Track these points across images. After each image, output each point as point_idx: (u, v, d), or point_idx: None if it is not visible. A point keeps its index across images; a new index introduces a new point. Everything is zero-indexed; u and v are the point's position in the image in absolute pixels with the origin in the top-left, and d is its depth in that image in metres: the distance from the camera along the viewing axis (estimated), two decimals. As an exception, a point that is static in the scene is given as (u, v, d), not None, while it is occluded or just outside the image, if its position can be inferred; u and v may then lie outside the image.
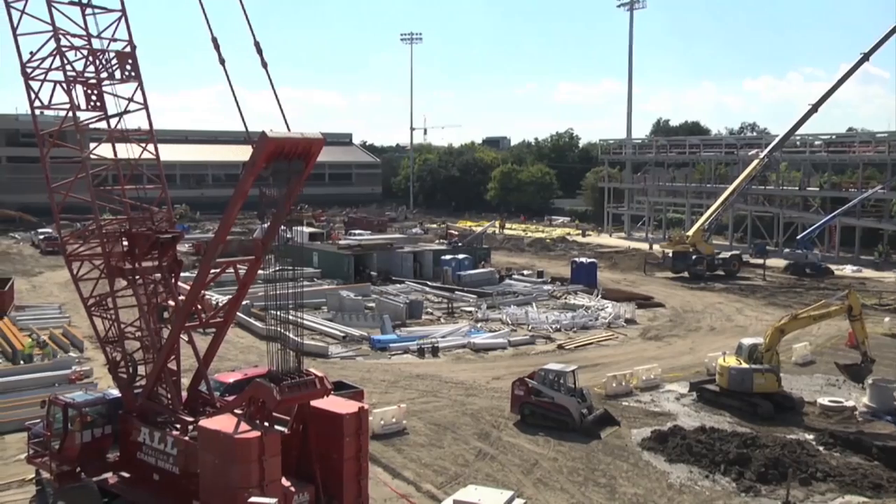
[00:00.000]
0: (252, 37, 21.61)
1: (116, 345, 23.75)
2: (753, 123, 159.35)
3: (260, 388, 19.66)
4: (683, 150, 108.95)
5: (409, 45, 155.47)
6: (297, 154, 19.54)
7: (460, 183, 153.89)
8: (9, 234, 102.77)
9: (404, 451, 29.06)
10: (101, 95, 22.87)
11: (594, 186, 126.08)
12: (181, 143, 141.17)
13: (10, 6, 22.25)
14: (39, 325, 48.91)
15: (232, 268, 22.72)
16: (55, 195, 23.21)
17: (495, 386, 37.42)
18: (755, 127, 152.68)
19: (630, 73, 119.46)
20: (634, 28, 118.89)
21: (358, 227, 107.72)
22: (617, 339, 48.62)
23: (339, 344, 45.61)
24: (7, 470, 27.03)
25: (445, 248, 76.20)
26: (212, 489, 19.30)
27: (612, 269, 78.88)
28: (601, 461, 28.45)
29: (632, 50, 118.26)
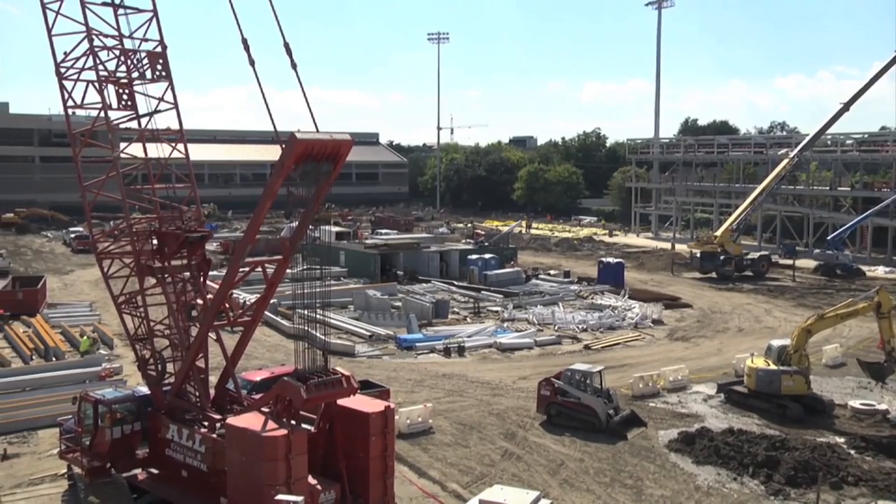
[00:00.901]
0: (282, 38, 21.73)
1: (146, 342, 24.02)
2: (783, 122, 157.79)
3: (287, 386, 19.77)
4: (712, 150, 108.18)
5: (436, 44, 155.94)
6: (326, 156, 19.61)
7: (487, 182, 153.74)
8: (41, 232, 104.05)
9: (430, 451, 29.09)
10: (133, 95, 23.15)
11: (621, 186, 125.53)
12: (210, 142, 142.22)
13: (45, 7, 22.59)
14: (71, 322, 49.51)
15: (260, 267, 22.87)
16: (87, 194, 23.49)
17: (521, 386, 37.36)
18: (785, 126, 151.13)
19: (658, 72, 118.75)
20: (662, 26, 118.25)
21: (384, 226, 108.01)
22: (644, 339, 48.37)
23: (365, 343, 45.72)
24: (40, 465, 27.39)
25: (472, 248, 76.21)
26: (239, 486, 19.45)
27: (639, 269, 78.48)
28: (628, 462, 28.32)
29: (660, 48, 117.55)
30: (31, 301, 53.14)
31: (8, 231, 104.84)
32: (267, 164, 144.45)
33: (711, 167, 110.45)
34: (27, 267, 75.13)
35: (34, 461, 27.93)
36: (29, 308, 52.11)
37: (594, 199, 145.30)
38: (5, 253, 76.85)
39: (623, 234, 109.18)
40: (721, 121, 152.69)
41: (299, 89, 21.97)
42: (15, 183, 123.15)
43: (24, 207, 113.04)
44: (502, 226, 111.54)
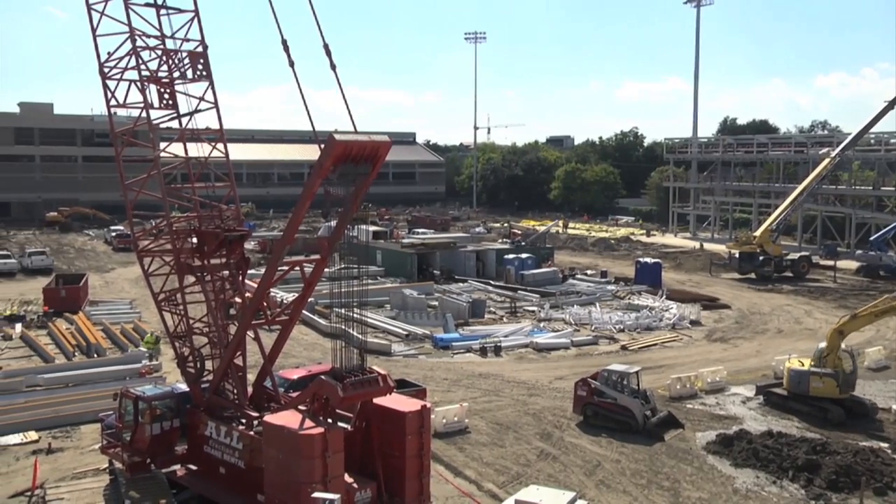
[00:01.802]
0: (321, 39, 21.77)
1: (185, 340, 24.25)
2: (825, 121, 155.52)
3: (324, 385, 19.87)
4: (751, 149, 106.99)
5: (472, 44, 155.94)
6: (365, 157, 19.65)
7: (524, 182, 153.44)
8: (83, 230, 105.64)
9: (466, 450, 29.10)
10: (174, 94, 23.39)
11: (659, 186, 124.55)
12: (248, 142, 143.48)
13: (90, 8, 22.93)
14: (112, 319, 50.22)
15: (298, 267, 23.02)
16: (128, 192, 23.80)
17: (558, 386, 37.25)
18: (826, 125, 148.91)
19: (696, 71, 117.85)
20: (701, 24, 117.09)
21: (421, 225, 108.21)
22: (681, 340, 47.98)
23: (401, 342, 45.86)
24: (83, 459, 27.86)
25: (508, 248, 76.10)
26: (276, 484, 19.60)
27: (677, 269, 77.84)
28: (665, 464, 28.11)
29: (698, 47, 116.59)
30: (74, 298, 54.02)
31: (52, 229, 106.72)
32: (304, 164, 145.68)
33: (750, 167, 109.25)
34: (70, 265, 76.38)
35: (77, 455, 28.41)
36: (71, 305, 53.00)
37: (631, 199, 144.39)
38: (49, 251, 78.18)
39: (660, 234, 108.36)
40: (761, 120, 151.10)
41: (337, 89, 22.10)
42: (59, 182, 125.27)
43: (68, 206, 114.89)
44: (539, 225, 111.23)
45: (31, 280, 66.48)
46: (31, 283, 64.55)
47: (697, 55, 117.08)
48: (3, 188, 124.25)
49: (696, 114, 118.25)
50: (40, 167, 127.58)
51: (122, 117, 25.09)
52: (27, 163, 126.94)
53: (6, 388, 35.46)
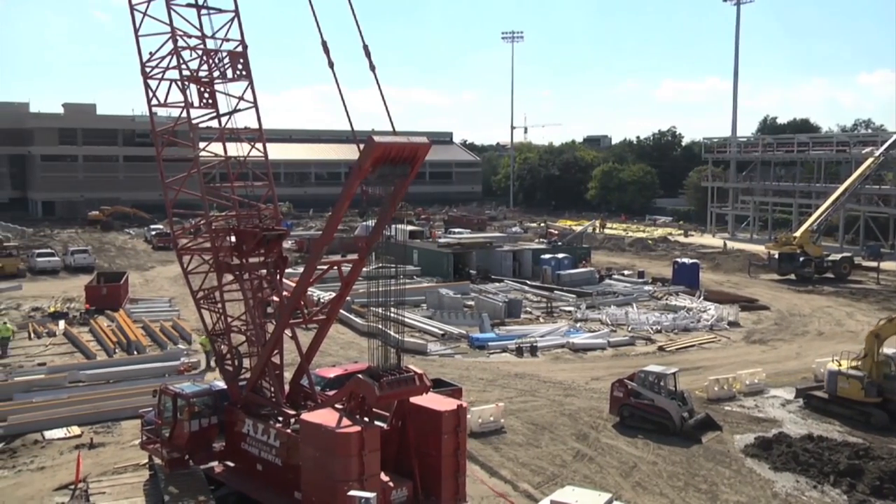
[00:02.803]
0: (361, 40, 21.83)
1: (223, 338, 24.48)
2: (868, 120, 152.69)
3: (360, 383, 19.96)
4: (791, 149, 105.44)
5: (510, 43, 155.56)
6: (403, 158, 19.74)
7: (560, 182, 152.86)
8: (124, 229, 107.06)
9: (502, 450, 29.06)
10: (214, 94, 23.63)
11: (697, 186, 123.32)
12: (285, 141, 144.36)
13: (133, 9, 23.25)
14: (151, 317, 50.84)
15: (335, 266, 23.14)
16: (168, 191, 24.08)
17: (594, 387, 37.07)
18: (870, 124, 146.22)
19: (736, 70, 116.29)
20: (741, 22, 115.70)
21: (457, 225, 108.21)
22: (719, 341, 47.51)
23: (437, 341, 45.92)
24: (123, 454, 28.26)
25: (545, 248, 75.88)
26: (313, 481, 19.73)
27: (715, 270, 77.10)
28: (702, 466, 27.86)
29: (738, 45, 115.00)
30: (115, 296, 54.80)
31: (93, 228, 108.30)
32: (341, 163, 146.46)
33: (791, 166, 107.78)
34: (111, 263, 77.46)
35: (118, 450, 28.83)
36: (112, 303, 53.76)
37: (669, 199, 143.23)
38: (91, 249, 79.36)
39: (698, 235, 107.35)
40: (801, 119, 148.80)
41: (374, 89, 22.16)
42: (101, 181, 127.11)
43: (109, 205, 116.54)
44: (576, 225, 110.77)
45: (73, 278, 67.53)
46: (74, 280, 65.59)
47: (737, 53, 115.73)
48: (47, 187, 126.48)
49: (735, 113, 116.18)
50: (83, 167, 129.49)
51: (163, 117, 25.42)
52: (70, 162, 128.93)
53: (50, 383, 36.13)
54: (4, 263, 69.81)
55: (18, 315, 52.00)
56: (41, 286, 64.62)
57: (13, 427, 30.66)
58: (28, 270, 70.44)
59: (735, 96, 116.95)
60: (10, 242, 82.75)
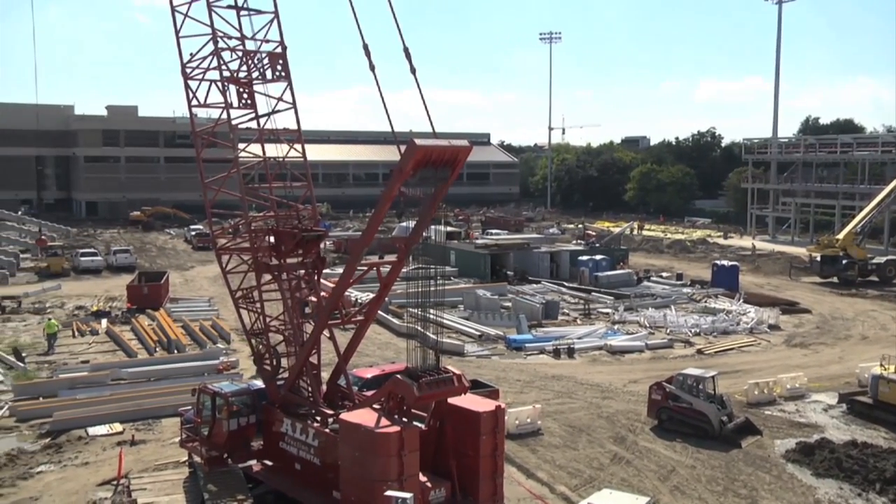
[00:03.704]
0: (402, 43, 21.80)
1: (261, 337, 24.67)
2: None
3: (399, 383, 20.00)
4: (834, 149, 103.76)
5: (548, 44, 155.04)
6: (444, 161, 19.79)
7: (598, 183, 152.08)
8: (165, 229, 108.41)
9: (538, 452, 28.98)
10: (253, 94, 23.82)
11: (737, 187, 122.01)
12: (324, 142, 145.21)
13: (174, 10, 23.51)
14: (191, 316, 51.41)
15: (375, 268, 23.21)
16: (208, 192, 24.32)
17: (632, 389, 36.84)
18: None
19: (777, 69, 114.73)
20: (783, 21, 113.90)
21: (495, 226, 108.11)
22: (759, 345, 46.96)
23: (475, 343, 45.90)
24: (164, 452, 28.62)
25: (583, 249, 75.58)
26: (352, 481, 19.79)
27: (755, 272, 76.22)
28: (742, 471, 27.54)
29: (780, 44, 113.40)
30: (155, 295, 55.50)
31: (135, 228, 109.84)
32: (379, 164, 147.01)
33: (834, 168, 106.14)
34: (152, 263, 78.49)
35: (158, 448, 29.20)
36: (153, 302, 54.47)
37: (708, 201, 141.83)
38: (132, 249, 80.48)
39: (738, 237, 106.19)
40: (845, 119, 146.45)
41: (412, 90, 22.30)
42: (142, 182, 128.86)
43: (150, 206, 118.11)
44: (614, 227, 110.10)
45: (115, 277, 68.54)
46: (116, 279, 66.56)
47: (778, 53, 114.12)
48: (91, 188, 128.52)
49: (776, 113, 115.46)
50: (125, 168, 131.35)
51: (203, 118, 25.69)
52: (113, 163, 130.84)
53: (94, 381, 36.72)
54: (50, 262, 71.21)
55: (62, 313, 52.88)
56: (84, 285, 65.68)
57: (58, 423, 31.25)
58: (72, 269, 71.67)
59: (776, 96, 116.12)
60: (55, 242, 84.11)
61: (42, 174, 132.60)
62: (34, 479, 26.58)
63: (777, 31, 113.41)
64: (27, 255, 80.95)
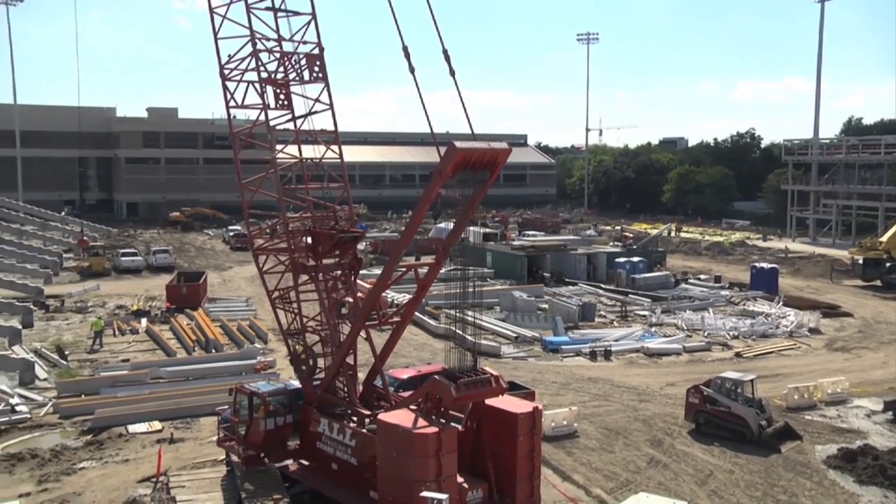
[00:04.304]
0: (441, 45, 21.80)
1: (298, 337, 24.82)
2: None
3: (437, 384, 20.01)
4: (878, 150, 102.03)
5: (585, 44, 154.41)
6: (484, 164, 19.80)
7: (635, 184, 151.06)
8: (203, 230, 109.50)
9: (574, 454, 28.85)
10: (289, 95, 23.97)
11: (776, 189, 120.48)
12: (360, 144, 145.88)
13: (213, 12, 23.76)
14: (229, 316, 51.86)
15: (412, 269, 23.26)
16: (245, 192, 24.52)
17: (669, 392, 36.55)
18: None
19: (819, 69, 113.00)
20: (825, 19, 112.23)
21: (531, 227, 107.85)
22: (799, 348, 46.35)
23: (511, 344, 45.83)
24: (202, 450, 28.93)
25: (620, 251, 75.13)
26: (389, 481, 19.85)
27: (795, 275, 75.24)
28: (781, 476, 27.20)
29: (822, 43, 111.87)
30: (194, 295, 56.06)
31: (174, 229, 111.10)
32: (416, 165, 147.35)
33: (877, 169, 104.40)
34: (190, 263, 79.32)
35: (197, 446, 29.52)
36: (191, 302, 55.02)
37: (747, 203, 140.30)
38: (172, 249, 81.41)
39: (777, 239, 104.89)
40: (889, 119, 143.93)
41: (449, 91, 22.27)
42: (181, 183, 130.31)
43: (189, 206, 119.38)
44: (651, 229, 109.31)
45: (155, 277, 69.37)
46: (156, 279, 67.36)
47: (820, 52, 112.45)
48: (132, 189, 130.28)
49: (817, 114, 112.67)
50: (165, 169, 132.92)
51: (241, 120, 25.91)
52: (153, 165, 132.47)
53: (134, 379, 37.21)
54: (92, 262, 72.30)
55: (104, 312, 53.62)
56: (125, 285, 66.56)
57: (100, 420, 31.75)
58: (113, 269, 72.68)
59: (818, 96, 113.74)
60: (96, 242, 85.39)
61: (84, 175, 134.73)
62: (77, 474, 27.02)
63: (819, 29, 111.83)
64: (70, 255, 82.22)
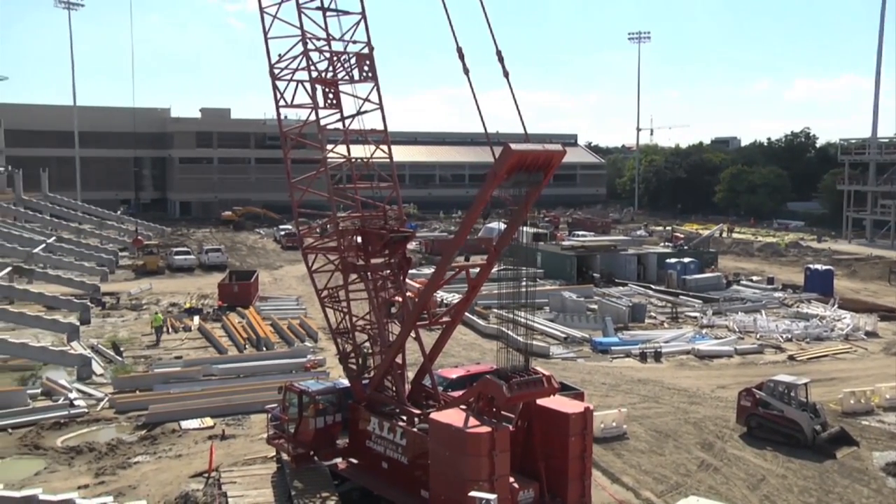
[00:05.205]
0: (494, 46, 21.69)
1: (347, 336, 24.96)
2: None
3: (490, 384, 20.02)
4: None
5: (636, 43, 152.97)
6: (538, 166, 19.78)
7: (687, 184, 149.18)
8: (255, 229, 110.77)
9: (624, 457, 28.64)
10: (338, 95, 24.10)
11: (832, 189, 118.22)
12: (411, 144, 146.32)
13: (263, 11, 24.01)
14: (279, 315, 52.38)
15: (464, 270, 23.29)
16: (295, 192, 24.74)
17: (720, 395, 36.10)
18: None
19: (878, 66, 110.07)
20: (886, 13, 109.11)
21: (581, 227, 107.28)
22: (855, 352, 45.44)
23: (560, 345, 45.64)
24: (252, 447, 29.27)
25: (670, 251, 74.39)
26: (442, 480, 19.88)
27: (851, 277, 73.76)
28: (837, 483, 26.68)
29: (882, 39, 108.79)
30: (245, 294, 56.75)
31: (226, 228, 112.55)
32: (465, 165, 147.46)
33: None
34: (242, 262, 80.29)
35: (247, 443, 29.88)
36: (243, 300, 55.72)
37: (801, 203, 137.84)
38: (224, 248, 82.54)
39: (832, 240, 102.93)
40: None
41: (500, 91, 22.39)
42: (233, 183, 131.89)
43: (241, 206, 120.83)
44: (702, 229, 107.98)
45: (207, 275, 70.36)
46: (208, 278, 68.32)
47: (880, 48, 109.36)
48: (185, 188, 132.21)
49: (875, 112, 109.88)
50: (217, 169, 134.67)
51: (293, 120, 26.15)
52: (206, 165, 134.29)
53: (186, 376, 37.81)
54: (147, 261, 73.66)
55: (157, 310, 54.51)
56: (178, 283, 67.65)
57: (154, 416, 32.32)
58: (166, 267, 73.94)
59: (877, 94, 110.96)
60: (151, 241, 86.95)
61: (139, 175, 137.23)
62: (132, 468, 27.57)
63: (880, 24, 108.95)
64: (125, 254, 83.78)
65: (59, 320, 46.81)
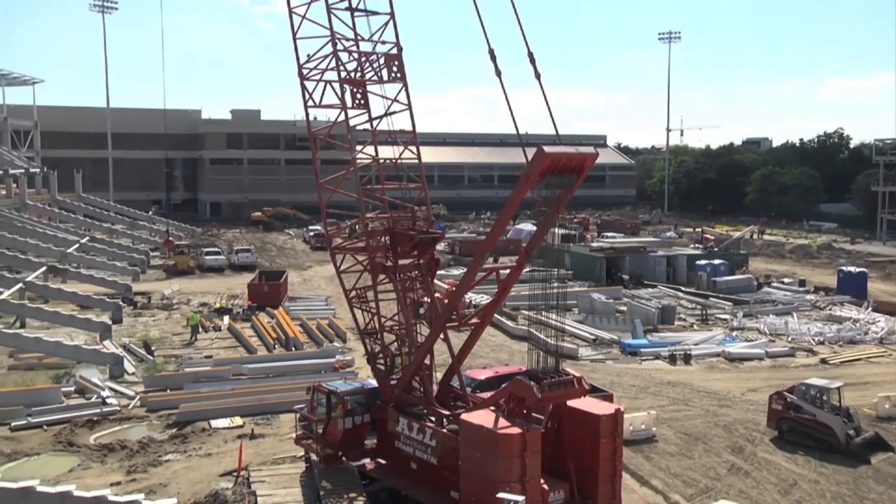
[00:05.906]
0: (526, 48, 21.57)
1: (376, 337, 25.01)
2: None
3: (520, 385, 19.99)
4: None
5: (666, 44, 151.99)
6: (571, 169, 19.75)
7: (717, 186, 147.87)
8: (284, 230, 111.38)
9: (653, 459, 28.49)
10: (366, 95, 24.15)
11: (866, 190, 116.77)
12: (439, 145, 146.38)
13: (292, 12, 24.12)
14: (308, 315, 52.63)
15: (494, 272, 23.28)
16: (323, 192, 24.82)
17: (750, 398, 35.78)
18: None
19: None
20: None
21: (611, 229, 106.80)
22: (890, 356, 44.82)
23: (589, 346, 45.48)
24: (281, 446, 29.44)
25: (700, 253, 73.86)
26: (472, 481, 19.87)
27: (886, 280, 72.79)
28: (871, 489, 26.33)
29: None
30: (275, 294, 57.09)
31: (256, 228, 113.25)
32: (494, 166, 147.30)
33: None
34: (271, 262, 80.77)
35: (276, 442, 30.06)
36: (272, 300, 56.04)
37: (834, 205, 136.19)
38: (253, 249, 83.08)
39: (867, 242, 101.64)
40: None
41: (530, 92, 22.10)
42: (263, 184, 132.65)
43: (271, 206, 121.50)
44: (733, 231, 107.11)
45: (237, 276, 70.85)
46: (238, 278, 68.78)
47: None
48: (215, 189, 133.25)
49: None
50: (247, 170, 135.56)
51: (322, 121, 26.24)
52: (236, 165, 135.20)
53: (216, 376, 38.10)
54: (178, 261, 74.39)
55: (188, 310, 54.98)
56: (208, 283, 68.19)
57: (184, 415, 32.62)
58: (197, 268, 74.58)
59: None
60: (182, 241, 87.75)
61: (171, 176, 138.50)
62: (163, 466, 27.86)
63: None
64: (156, 254, 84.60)
65: (91, 319, 47.38)
